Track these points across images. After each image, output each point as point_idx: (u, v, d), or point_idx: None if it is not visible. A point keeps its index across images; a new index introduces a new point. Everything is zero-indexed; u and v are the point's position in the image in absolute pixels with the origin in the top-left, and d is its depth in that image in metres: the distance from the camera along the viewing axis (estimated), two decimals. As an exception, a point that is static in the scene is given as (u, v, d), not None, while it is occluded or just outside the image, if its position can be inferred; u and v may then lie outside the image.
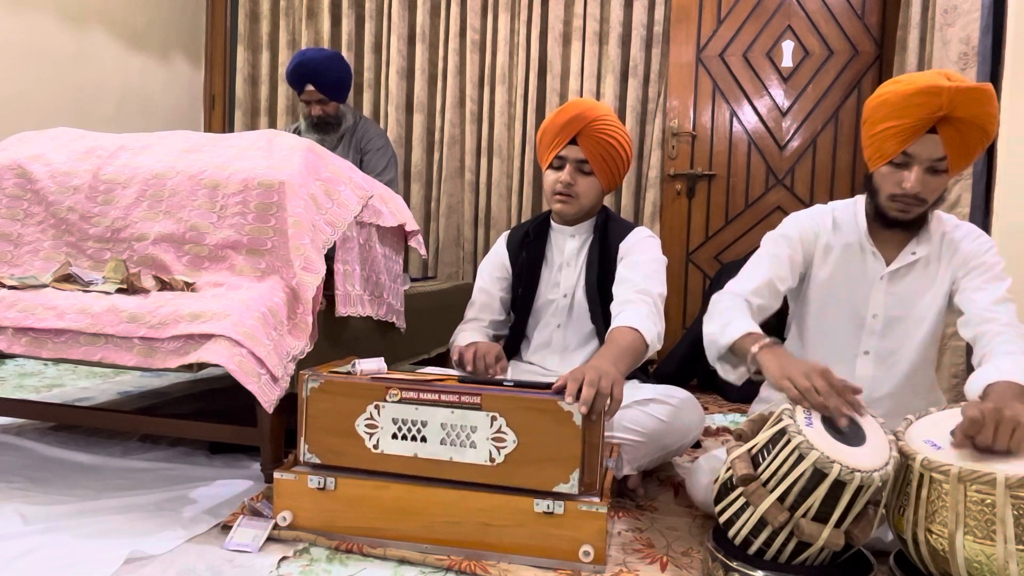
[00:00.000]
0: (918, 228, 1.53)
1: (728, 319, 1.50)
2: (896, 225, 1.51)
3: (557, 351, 1.90)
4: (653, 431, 1.66)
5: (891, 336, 1.55)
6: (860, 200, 1.60)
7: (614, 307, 1.74)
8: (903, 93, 1.40)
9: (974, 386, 1.33)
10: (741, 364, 1.48)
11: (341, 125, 2.87)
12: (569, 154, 1.82)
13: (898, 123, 1.40)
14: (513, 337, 1.96)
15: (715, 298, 1.59)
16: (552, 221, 1.96)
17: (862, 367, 1.56)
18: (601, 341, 1.80)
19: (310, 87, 2.77)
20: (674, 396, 1.72)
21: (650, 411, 1.67)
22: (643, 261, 1.81)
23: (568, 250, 1.92)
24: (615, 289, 1.79)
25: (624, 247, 1.86)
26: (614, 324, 1.67)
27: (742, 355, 1.44)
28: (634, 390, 1.72)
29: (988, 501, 1.08)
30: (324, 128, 2.84)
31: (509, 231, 2.08)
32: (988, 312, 1.43)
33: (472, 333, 1.91)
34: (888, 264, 1.54)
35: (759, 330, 1.48)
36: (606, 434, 1.64)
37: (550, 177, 1.87)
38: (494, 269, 2.00)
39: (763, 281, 1.57)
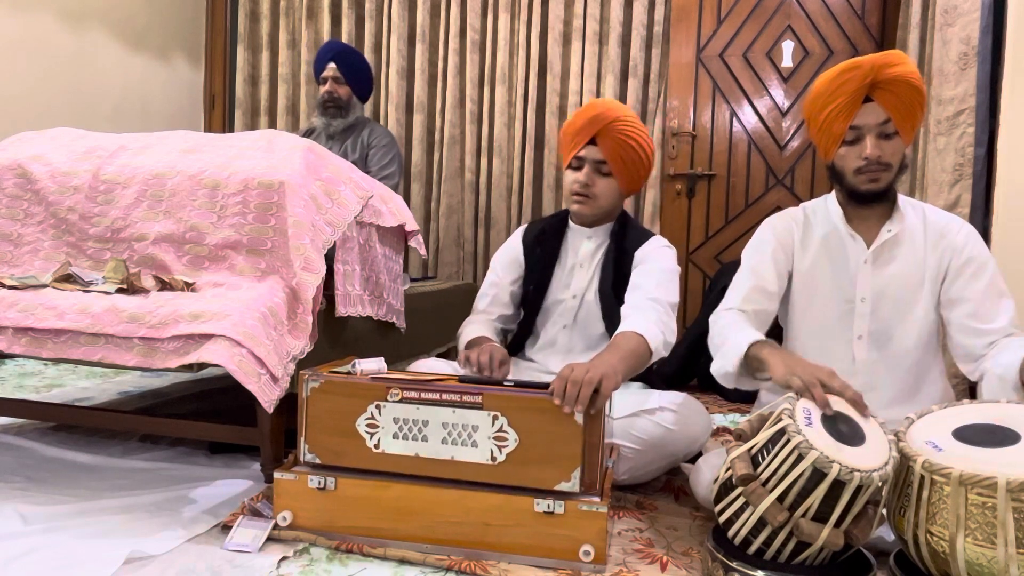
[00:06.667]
0: (890, 207, 1.59)
1: (725, 339, 1.53)
2: (871, 200, 1.56)
3: (562, 352, 1.89)
4: (659, 439, 1.65)
5: (882, 317, 1.57)
6: (830, 195, 1.66)
7: (623, 311, 1.74)
8: (829, 78, 1.54)
9: (1008, 371, 1.37)
10: (755, 377, 1.50)
11: (348, 113, 2.90)
12: (588, 155, 1.81)
13: (836, 103, 1.52)
14: (520, 334, 1.96)
15: (711, 321, 1.63)
16: (570, 221, 1.96)
17: (858, 351, 1.58)
18: None
19: (332, 64, 2.85)
20: (682, 404, 1.71)
21: (657, 420, 1.67)
22: (657, 270, 1.80)
23: (583, 252, 1.91)
24: (627, 295, 1.78)
25: (640, 254, 1.84)
26: (620, 328, 1.67)
27: (753, 365, 1.47)
28: (642, 397, 1.72)
29: (989, 504, 1.08)
30: (332, 112, 2.88)
31: (526, 225, 2.06)
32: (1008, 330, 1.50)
33: (480, 326, 1.90)
34: (868, 247, 1.58)
35: (761, 336, 1.50)
36: (612, 441, 1.64)
37: (569, 177, 1.86)
38: (507, 262, 1.99)
39: (750, 287, 1.62)
